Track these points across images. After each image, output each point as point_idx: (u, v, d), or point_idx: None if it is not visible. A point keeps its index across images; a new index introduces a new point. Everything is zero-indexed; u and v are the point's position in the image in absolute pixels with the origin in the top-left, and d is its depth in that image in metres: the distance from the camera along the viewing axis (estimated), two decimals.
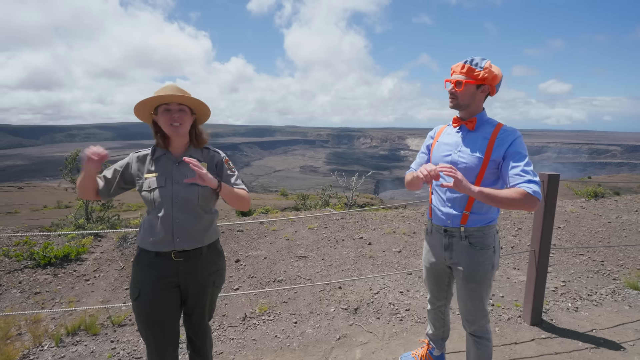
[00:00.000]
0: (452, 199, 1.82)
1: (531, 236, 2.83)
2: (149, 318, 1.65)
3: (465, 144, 1.79)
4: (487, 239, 1.81)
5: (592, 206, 6.85)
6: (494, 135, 1.73)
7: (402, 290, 3.54)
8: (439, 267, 2.01)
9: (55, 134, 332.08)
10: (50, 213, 21.98)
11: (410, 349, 2.58)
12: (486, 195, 1.58)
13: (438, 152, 1.89)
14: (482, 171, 1.73)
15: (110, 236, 5.47)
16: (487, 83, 1.71)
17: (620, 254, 4.35)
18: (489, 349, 1.95)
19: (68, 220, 6.93)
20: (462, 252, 1.84)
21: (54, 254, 4.40)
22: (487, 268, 1.82)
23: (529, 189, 1.55)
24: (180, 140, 1.69)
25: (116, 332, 2.92)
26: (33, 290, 3.75)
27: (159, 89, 1.64)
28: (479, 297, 1.86)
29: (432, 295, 2.17)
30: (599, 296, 3.33)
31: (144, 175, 1.66)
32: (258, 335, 2.84)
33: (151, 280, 1.65)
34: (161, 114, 1.62)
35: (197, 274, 1.71)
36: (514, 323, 2.89)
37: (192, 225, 1.67)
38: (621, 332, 2.75)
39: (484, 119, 1.80)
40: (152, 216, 1.65)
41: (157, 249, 1.64)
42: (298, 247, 4.94)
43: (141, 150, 1.74)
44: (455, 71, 1.76)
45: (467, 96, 1.73)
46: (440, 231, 1.90)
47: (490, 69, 1.68)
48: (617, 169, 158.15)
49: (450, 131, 1.90)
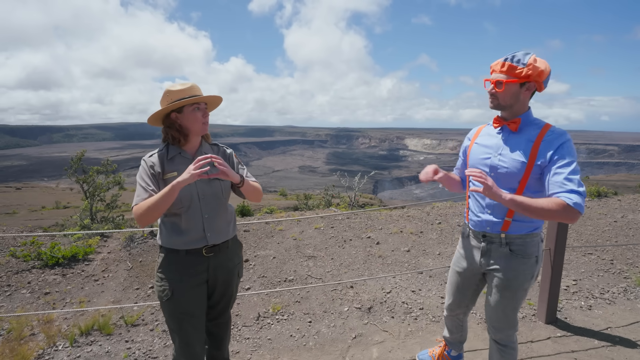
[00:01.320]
0: (491, 205, 1.70)
1: (546, 235, 2.84)
2: (183, 316, 1.66)
3: (507, 147, 1.65)
4: (530, 247, 1.68)
5: (597, 205, 6.87)
6: (540, 137, 1.57)
7: (414, 289, 3.54)
8: (470, 273, 1.89)
9: (53, 134, 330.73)
10: (48, 213, 21.90)
11: (427, 347, 2.58)
12: (518, 204, 1.47)
13: (476, 155, 1.76)
14: (526, 177, 1.59)
15: (116, 236, 5.45)
16: (532, 80, 1.56)
17: (628, 252, 4.36)
18: (514, 357, 1.86)
19: (73, 221, 6.90)
20: (501, 259, 1.72)
21: (62, 254, 4.38)
22: (526, 278, 1.70)
23: (569, 200, 1.41)
24: (197, 138, 1.71)
25: (130, 332, 2.91)
26: (43, 290, 3.73)
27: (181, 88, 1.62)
28: (512, 306, 1.76)
29: (452, 302, 2.05)
30: (612, 295, 3.34)
31: (163, 176, 1.63)
32: (273, 334, 2.84)
33: (184, 278, 1.65)
34: (190, 112, 1.62)
35: (225, 266, 1.76)
36: (529, 321, 2.89)
37: (220, 218, 1.70)
38: (636, 330, 2.76)
39: (529, 119, 1.64)
40: (178, 215, 1.63)
41: (188, 247, 1.64)
42: (306, 247, 4.94)
43: (150, 153, 1.68)
44: (495, 70, 1.63)
45: (509, 96, 1.60)
46: (478, 236, 1.78)
47: (535, 65, 1.53)
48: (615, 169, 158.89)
49: (490, 132, 1.76)
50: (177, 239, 1.63)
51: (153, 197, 1.50)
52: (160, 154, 1.65)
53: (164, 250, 1.68)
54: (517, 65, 1.56)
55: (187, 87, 1.63)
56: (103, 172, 7.81)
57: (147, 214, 1.49)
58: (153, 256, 4.62)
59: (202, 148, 1.72)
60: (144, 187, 1.56)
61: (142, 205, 1.51)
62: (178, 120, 1.63)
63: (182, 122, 1.63)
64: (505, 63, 1.58)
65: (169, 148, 1.67)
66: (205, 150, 1.73)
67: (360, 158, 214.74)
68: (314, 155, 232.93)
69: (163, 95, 1.64)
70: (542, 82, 1.59)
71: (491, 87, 1.63)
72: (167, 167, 1.63)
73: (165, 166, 1.63)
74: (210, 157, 1.50)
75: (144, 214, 1.49)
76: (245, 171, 1.81)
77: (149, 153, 1.67)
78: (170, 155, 1.65)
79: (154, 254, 4.68)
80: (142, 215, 1.50)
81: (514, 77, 1.57)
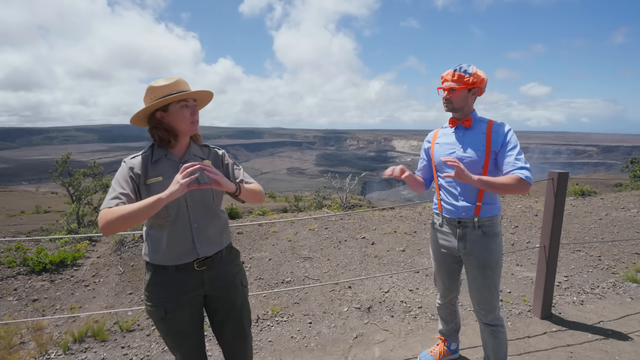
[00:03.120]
0: (463, 192, 1.95)
1: (541, 232, 2.91)
2: (179, 336, 1.53)
3: (466, 141, 1.94)
4: (496, 227, 1.97)
5: (581, 204, 7.09)
6: (489, 129, 1.91)
7: (412, 288, 3.57)
8: (450, 257, 2.10)
9: (32, 137, 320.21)
10: (28, 218, 21.11)
11: (428, 346, 2.60)
12: (485, 182, 1.74)
13: (440, 152, 2.02)
14: (487, 163, 1.88)
15: (105, 240, 5.31)
16: (476, 86, 1.89)
17: (614, 249, 4.51)
18: (505, 335, 2.05)
19: (59, 225, 6.69)
20: (476, 242, 1.95)
21: (50, 260, 4.24)
22: (499, 254, 1.96)
23: (522, 175, 1.74)
24: (186, 139, 1.54)
25: (125, 338, 2.83)
26: (30, 297, 3.60)
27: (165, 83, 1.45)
28: (494, 283, 1.97)
29: (444, 288, 2.22)
30: (602, 289, 3.44)
31: (146, 181, 1.44)
32: (274, 336, 2.81)
33: (177, 297, 1.49)
34: (178, 110, 1.45)
35: (222, 278, 1.59)
36: (525, 317, 2.96)
37: (211, 227, 1.54)
38: (627, 323, 2.85)
39: (477, 118, 1.97)
40: (164, 226, 1.45)
41: (176, 262, 1.46)
42: (301, 248, 4.92)
43: (133, 155, 1.50)
44: (446, 79, 1.92)
45: (460, 100, 1.91)
46: (453, 223, 2.00)
47: (477, 73, 1.87)
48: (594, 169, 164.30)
49: (447, 132, 2.05)
50: (164, 253, 1.46)
51: (130, 206, 1.31)
52: (144, 156, 1.47)
53: (150, 267, 1.50)
54: (465, 75, 1.87)
55: (172, 82, 1.45)
56: (90, 174, 7.59)
57: (117, 223, 1.29)
58: None
59: (191, 150, 1.55)
60: (116, 191, 1.38)
61: (114, 212, 1.30)
62: (164, 119, 1.46)
63: (169, 121, 1.46)
64: (455, 73, 1.89)
65: (154, 150, 1.50)
66: (194, 151, 1.56)
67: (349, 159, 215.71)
68: (302, 157, 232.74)
69: (146, 92, 1.46)
70: (483, 88, 1.95)
71: (445, 93, 1.93)
72: (150, 170, 1.45)
73: (149, 170, 1.45)
74: (200, 165, 1.33)
75: (113, 222, 1.29)
76: (241, 172, 1.66)
77: (132, 155, 1.50)
78: (155, 158, 1.48)
79: None
80: (110, 222, 1.29)
81: (463, 84, 1.88)
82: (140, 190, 1.43)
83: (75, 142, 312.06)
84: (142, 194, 1.43)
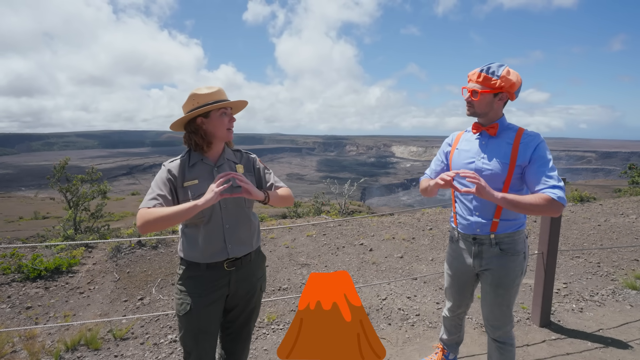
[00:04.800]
0: (479, 207, 1.78)
1: (539, 239, 2.89)
2: (201, 331, 1.59)
3: (488, 150, 1.75)
4: (518, 245, 1.78)
5: (580, 210, 7.08)
6: (517, 139, 1.70)
7: (410, 295, 3.54)
8: (465, 275, 1.96)
9: (32, 143, 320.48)
10: (27, 224, 21.00)
11: (425, 354, 2.57)
12: (509, 201, 1.55)
13: (459, 159, 1.84)
14: (509, 177, 1.69)
15: (101, 247, 5.27)
16: (505, 91, 1.68)
17: (613, 255, 4.49)
18: (512, 354, 1.92)
19: (55, 231, 6.65)
20: (492, 259, 1.80)
21: (44, 267, 4.20)
22: (517, 274, 1.80)
23: (554, 195, 1.54)
24: (220, 144, 1.65)
25: (119, 347, 2.79)
26: (24, 304, 3.56)
27: (208, 92, 1.56)
28: (507, 302, 1.83)
29: (453, 304, 2.11)
30: (601, 297, 3.41)
31: (183, 183, 1.55)
32: (269, 345, 2.77)
33: (204, 293, 1.58)
34: (217, 117, 1.57)
35: (248, 280, 1.67)
36: (524, 325, 2.92)
37: (242, 229, 1.63)
38: (626, 331, 2.82)
39: (504, 125, 1.76)
40: (199, 226, 1.56)
41: (208, 260, 1.56)
42: (299, 255, 4.89)
43: (171, 159, 1.63)
44: (471, 79, 1.73)
45: (483, 105, 1.71)
46: (469, 239, 1.85)
47: (507, 77, 1.64)
48: (593, 175, 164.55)
49: (469, 138, 1.86)
50: (197, 251, 1.56)
51: (168, 209, 1.42)
52: (182, 160, 1.58)
53: (184, 263, 1.61)
54: (492, 77, 1.66)
55: (214, 91, 1.57)
56: (87, 180, 7.57)
57: (154, 223, 1.40)
58: (141, 267, 4.49)
59: (225, 154, 1.66)
60: (155, 192, 1.49)
61: (152, 212, 1.41)
62: (204, 125, 1.57)
63: (208, 127, 1.57)
64: (481, 74, 1.68)
65: (191, 154, 1.60)
66: (228, 156, 1.67)
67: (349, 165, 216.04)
68: (302, 163, 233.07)
69: (188, 99, 1.58)
70: (514, 93, 1.71)
71: (467, 95, 1.74)
72: (187, 174, 1.56)
73: (186, 173, 1.56)
74: (233, 174, 1.43)
75: (151, 222, 1.40)
76: (271, 176, 1.76)
77: (170, 159, 1.61)
78: (192, 162, 1.59)
79: (142, 265, 4.55)
80: (147, 222, 1.40)
81: (488, 87, 1.68)
82: (178, 192, 1.54)
83: (75, 147, 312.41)
84: (180, 195, 1.54)
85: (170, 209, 1.42)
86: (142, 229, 1.41)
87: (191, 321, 1.57)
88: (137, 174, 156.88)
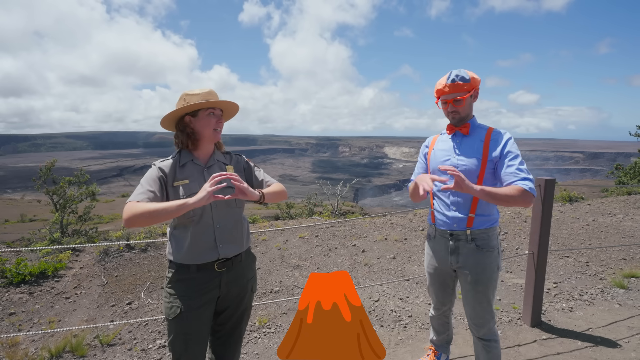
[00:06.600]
0: (456, 202, 1.86)
1: (529, 239, 2.91)
2: (190, 335, 1.56)
3: (462, 148, 1.87)
4: (492, 241, 1.86)
5: (569, 210, 7.18)
6: (488, 137, 1.82)
7: (402, 297, 3.53)
8: (444, 272, 2.01)
9: (18, 144, 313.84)
10: (12, 227, 20.53)
11: (418, 356, 2.56)
12: (487, 193, 1.64)
13: (436, 159, 1.95)
14: (482, 172, 1.80)
15: (89, 250, 5.16)
16: (474, 88, 1.83)
17: (602, 254, 4.55)
18: (498, 351, 1.96)
19: (41, 234, 6.49)
20: (468, 255, 1.86)
21: (29, 271, 4.09)
22: (493, 269, 1.87)
23: (525, 186, 1.65)
24: (209, 145, 1.66)
25: (106, 353, 2.72)
26: (7, 311, 3.45)
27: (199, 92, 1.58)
28: (487, 299, 1.89)
29: (437, 301, 2.15)
30: (590, 296, 3.45)
31: (173, 183, 1.56)
32: (260, 348, 2.73)
33: (194, 295, 1.55)
34: (204, 117, 1.58)
35: (239, 281, 1.67)
36: (515, 325, 2.93)
37: (233, 229, 1.63)
38: (615, 329, 2.85)
39: (475, 124, 1.89)
40: (188, 226, 1.55)
41: (198, 261, 1.55)
42: (291, 257, 4.85)
43: (162, 159, 1.62)
44: (444, 91, 1.82)
45: (467, 108, 1.85)
46: (446, 235, 1.92)
47: (474, 77, 1.82)
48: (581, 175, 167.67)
49: (444, 139, 1.98)
50: (187, 252, 1.54)
51: (157, 204, 1.41)
52: (174, 160, 1.60)
53: (173, 266, 1.59)
54: (464, 82, 1.79)
55: (204, 91, 1.60)
56: (75, 182, 7.41)
57: (141, 217, 1.37)
58: (130, 270, 4.40)
59: (215, 156, 1.67)
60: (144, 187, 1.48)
61: (140, 206, 1.39)
62: (191, 124, 1.59)
63: (195, 126, 1.59)
64: (453, 84, 1.79)
65: (181, 154, 1.62)
66: (218, 157, 1.68)
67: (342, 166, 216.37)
68: (295, 164, 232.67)
69: (179, 99, 1.61)
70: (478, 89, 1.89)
71: (448, 106, 1.84)
72: (178, 173, 1.57)
73: (177, 173, 1.57)
74: (227, 175, 1.43)
75: (137, 216, 1.37)
76: (261, 172, 1.78)
77: (161, 159, 1.61)
78: (182, 162, 1.59)
79: (130, 268, 4.46)
80: (134, 215, 1.37)
81: (465, 91, 1.80)
82: (168, 191, 1.55)
83: (64, 149, 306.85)
84: (170, 194, 1.54)
85: (159, 204, 1.40)
86: (127, 222, 1.38)
87: (181, 325, 1.55)
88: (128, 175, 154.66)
